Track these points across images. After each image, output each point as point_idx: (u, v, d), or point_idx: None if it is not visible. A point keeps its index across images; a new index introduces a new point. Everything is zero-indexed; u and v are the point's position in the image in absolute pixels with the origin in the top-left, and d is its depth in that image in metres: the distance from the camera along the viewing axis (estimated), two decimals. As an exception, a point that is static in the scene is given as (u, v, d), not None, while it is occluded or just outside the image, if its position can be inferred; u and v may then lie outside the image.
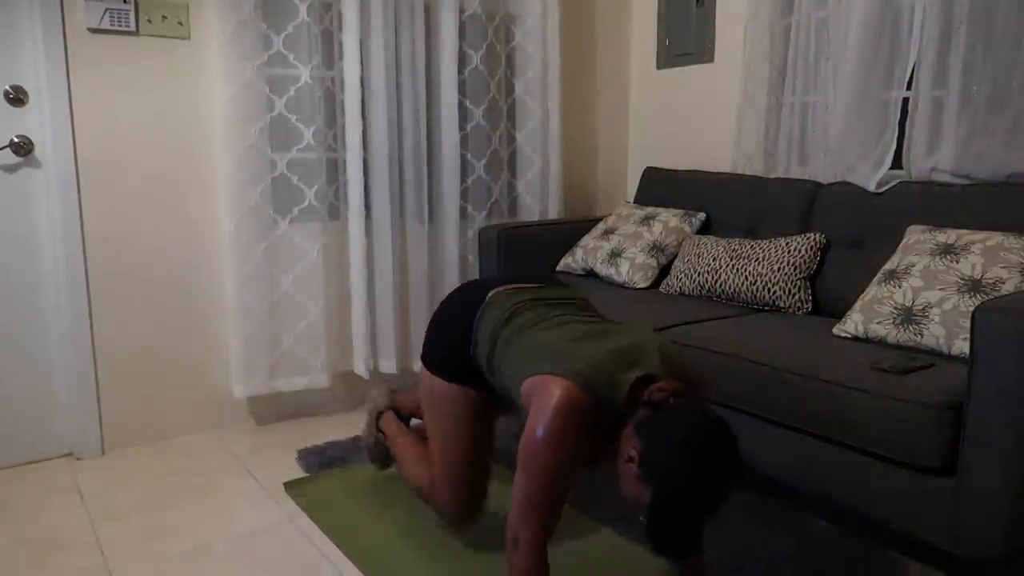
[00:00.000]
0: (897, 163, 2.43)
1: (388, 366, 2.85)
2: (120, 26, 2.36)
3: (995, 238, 1.92)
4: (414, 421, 2.19)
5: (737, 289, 2.43)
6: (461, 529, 1.89)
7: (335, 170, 2.75)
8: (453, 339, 1.72)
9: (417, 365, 2.91)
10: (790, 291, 2.35)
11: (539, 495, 1.34)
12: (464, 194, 3.00)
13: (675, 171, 3.12)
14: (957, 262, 1.91)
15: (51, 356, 2.44)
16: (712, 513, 1.27)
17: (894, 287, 1.97)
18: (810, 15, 2.63)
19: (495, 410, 1.78)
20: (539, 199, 3.18)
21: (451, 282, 2.94)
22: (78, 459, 2.47)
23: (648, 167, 3.27)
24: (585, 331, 1.51)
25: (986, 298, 1.78)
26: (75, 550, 1.92)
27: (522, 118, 3.12)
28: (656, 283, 2.74)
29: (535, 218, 3.19)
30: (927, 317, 1.85)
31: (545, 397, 1.35)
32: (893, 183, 2.37)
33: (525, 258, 2.98)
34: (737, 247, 2.51)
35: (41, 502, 2.18)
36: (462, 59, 2.90)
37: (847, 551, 1.83)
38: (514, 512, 1.37)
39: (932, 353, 1.84)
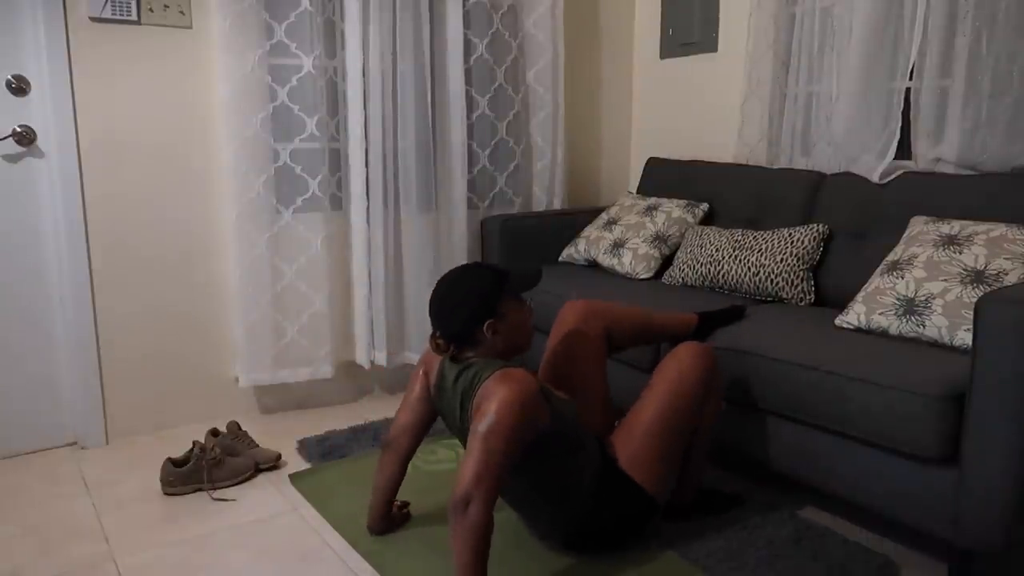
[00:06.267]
0: (901, 154, 2.42)
1: (380, 358, 2.85)
2: (122, 15, 2.36)
3: (998, 229, 1.91)
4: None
5: (740, 280, 2.43)
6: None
7: (338, 160, 2.75)
8: None
9: (412, 357, 2.91)
10: (793, 282, 2.35)
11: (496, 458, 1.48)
12: (470, 184, 2.99)
13: (678, 161, 3.11)
14: (960, 253, 1.91)
15: (55, 346, 2.45)
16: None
17: (897, 278, 1.96)
18: (815, 4, 2.62)
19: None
20: (546, 190, 3.18)
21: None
22: (83, 448, 2.49)
23: (651, 157, 3.26)
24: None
25: (989, 289, 1.78)
26: (80, 538, 1.93)
27: (533, 108, 3.11)
28: (659, 274, 2.73)
29: (540, 208, 3.19)
30: (930, 308, 1.85)
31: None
32: (897, 174, 2.36)
33: (528, 249, 2.98)
34: (740, 238, 2.50)
35: (46, 491, 2.19)
36: (467, 48, 2.89)
37: (847, 541, 1.84)
38: (468, 475, 1.47)
39: (935, 344, 1.84)
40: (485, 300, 1.67)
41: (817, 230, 2.40)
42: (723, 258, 2.49)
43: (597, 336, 1.94)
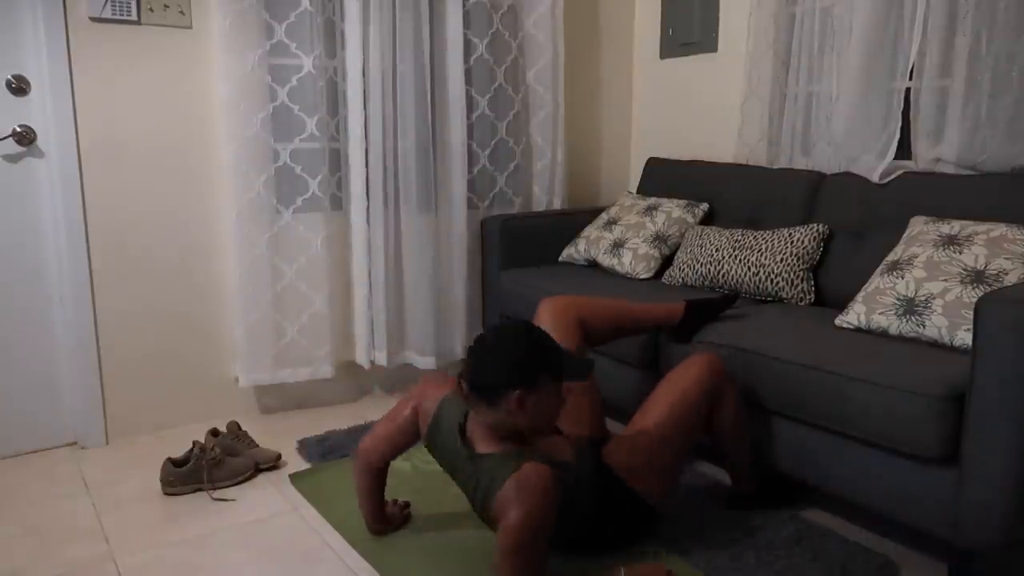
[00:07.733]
0: (901, 154, 2.42)
1: (381, 358, 2.85)
2: (122, 15, 2.36)
3: (998, 229, 1.92)
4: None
5: (740, 280, 2.43)
6: None
7: (338, 160, 2.75)
8: None
9: (412, 357, 2.91)
10: (793, 282, 2.35)
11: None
12: (470, 184, 2.99)
13: (678, 161, 3.11)
14: (960, 253, 1.91)
15: (55, 345, 2.45)
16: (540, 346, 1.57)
17: (897, 278, 1.96)
18: (815, 4, 2.62)
19: None
20: (546, 190, 3.18)
21: (458, 273, 2.94)
22: (83, 448, 2.48)
23: (651, 157, 3.26)
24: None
25: (989, 289, 1.78)
26: (80, 538, 1.93)
27: (533, 108, 3.11)
28: (659, 274, 2.73)
29: (540, 208, 3.19)
30: (930, 308, 1.85)
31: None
32: (897, 174, 2.36)
33: (528, 249, 2.98)
34: (740, 238, 2.50)
35: (46, 491, 2.19)
36: (467, 48, 2.89)
37: (847, 541, 1.84)
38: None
39: (935, 344, 1.84)
40: (528, 367, 1.54)
41: (817, 230, 2.40)
42: (723, 258, 2.49)
43: (571, 329, 1.92)
